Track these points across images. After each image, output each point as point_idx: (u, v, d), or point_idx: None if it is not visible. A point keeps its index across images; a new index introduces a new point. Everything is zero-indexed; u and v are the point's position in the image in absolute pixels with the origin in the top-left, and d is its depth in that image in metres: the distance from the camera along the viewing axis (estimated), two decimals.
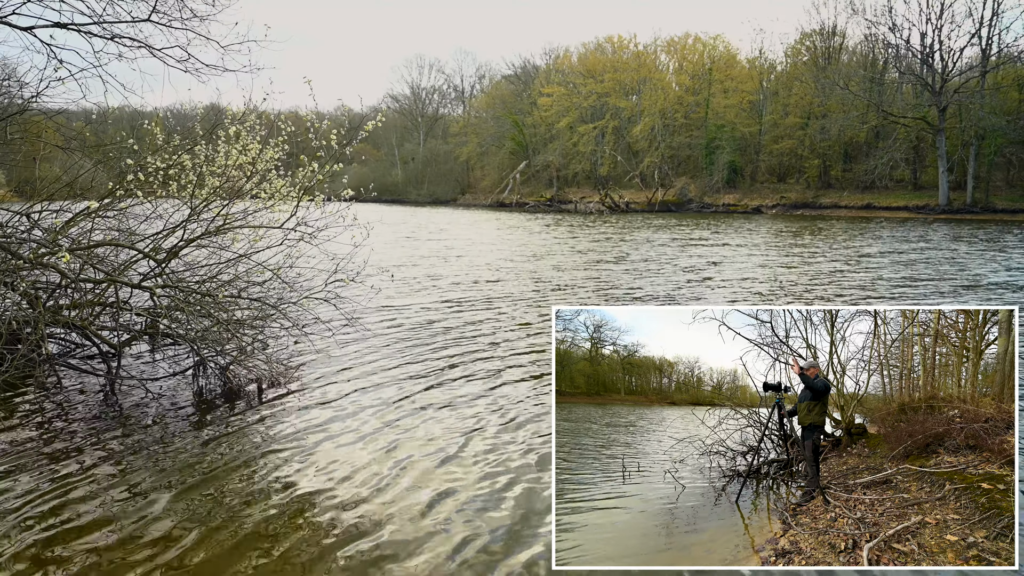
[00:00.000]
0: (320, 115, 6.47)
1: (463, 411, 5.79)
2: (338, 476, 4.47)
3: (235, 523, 3.85)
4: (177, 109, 15.28)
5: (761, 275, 14.93)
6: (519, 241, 24.37)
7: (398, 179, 71.78)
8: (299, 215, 6.45)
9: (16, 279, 5.63)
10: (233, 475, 4.51)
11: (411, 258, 18.21)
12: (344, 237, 6.65)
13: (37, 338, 5.30)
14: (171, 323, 6.19)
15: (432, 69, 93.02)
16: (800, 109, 50.09)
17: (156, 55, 6.99)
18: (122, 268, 6.12)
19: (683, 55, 58.78)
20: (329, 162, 6.43)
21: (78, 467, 4.57)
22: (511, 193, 61.78)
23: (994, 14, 40.55)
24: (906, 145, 44.83)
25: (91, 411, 5.71)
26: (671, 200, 53.02)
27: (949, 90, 41.57)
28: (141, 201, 6.47)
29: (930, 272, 15.36)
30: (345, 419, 5.54)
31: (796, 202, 47.65)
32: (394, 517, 3.94)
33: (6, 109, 7.62)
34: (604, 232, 29.11)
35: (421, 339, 8.46)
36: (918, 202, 42.25)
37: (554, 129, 61.54)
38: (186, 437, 5.15)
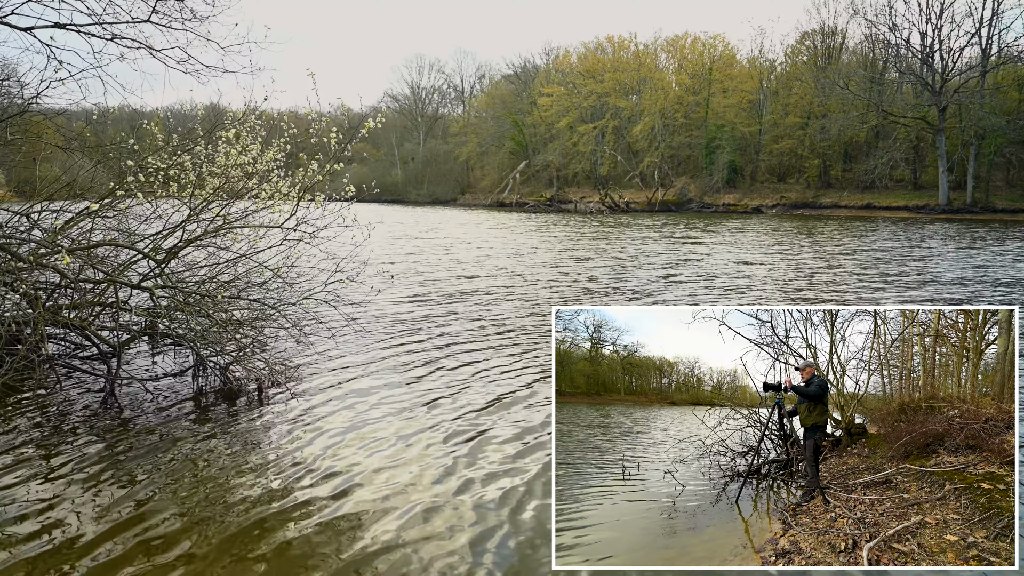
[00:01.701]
0: (320, 114, 6.47)
1: (463, 411, 5.79)
2: (337, 476, 4.47)
3: (235, 523, 3.85)
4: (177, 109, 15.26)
5: (766, 274, 14.93)
6: (519, 241, 24.37)
7: (398, 179, 71.79)
8: (299, 215, 6.45)
9: (16, 279, 5.62)
10: (233, 475, 4.51)
11: (411, 258, 18.21)
12: (344, 237, 6.66)
13: (37, 339, 5.30)
14: (171, 323, 6.19)
15: (432, 69, 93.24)
16: (800, 109, 50.10)
17: (156, 56, 6.99)
18: (122, 268, 6.11)
19: (683, 55, 58.80)
20: (329, 162, 6.43)
21: (78, 467, 4.57)
22: (511, 193, 61.78)
23: (994, 14, 40.60)
24: (906, 145, 44.84)
25: (91, 411, 5.71)
26: (671, 200, 53.03)
27: (949, 90, 41.59)
28: (141, 201, 6.47)
29: (930, 272, 15.36)
30: (345, 419, 5.54)
31: (796, 202, 47.66)
32: (394, 517, 3.93)
33: (6, 109, 7.62)
34: (604, 232, 29.11)
35: (421, 339, 8.46)
36: (918, 202, 42.28)
37: (554, 129, 61.55)
38: (186, 437, 5.15)
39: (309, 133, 6.49)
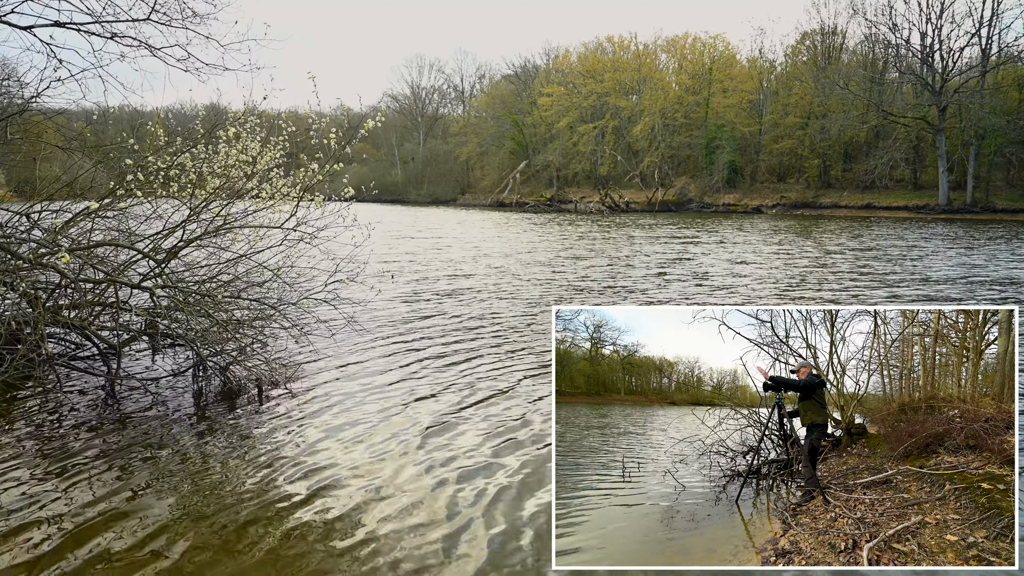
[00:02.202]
0: (320, 114, 6.46)
1: (463, 411, 5.79)
2: (337, 476, 4.47)
3: (235, 523, 3.85)
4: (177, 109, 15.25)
5: (765, 274, 14.93)
6: (519, 241, 24.37)
7: (398, 179, 71.79)
8: (299, 215, 6.45)
9: (16, 279, 5.62)
10: (233, 475, 4.51)
11: (411, 258, 18.21)
12: (344, 237, 6.66)
13: (37, 338, 5.30)
14: (171, 323, 6.19)
15: (432, 69, 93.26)
16: (800, 109, 50.10)
17: (156, 55, 6.99)
18: (122, 268, 6.11)
19: (683, 55, 58.80)
20: (329, 162, 6.43)
21: (78, 467, 4.57)
22: (511, 193, 61.78)
23: (994, 14, 40.61)
24: (906, 145, 44.85)
25: (91, 411, 5.71)
26: (671, 200, 53.02)
27: (949, 90, 41.59)
28: (141, 201, 6.47)
29: (930, 272, 15.36)
30: (345, 419, 5.54)
31: (796, 202, 47.66)
32: (394, 516, 3.94)
33: (6, 109, 7.62)
34: (604, 232, 29.11)
35: (421, 339, 8.46)
36: (918, 202, 42.28)
37: (554, 129, 61.53)
38: (186, 437, 5.15)
39: (309, 134, 6.49)
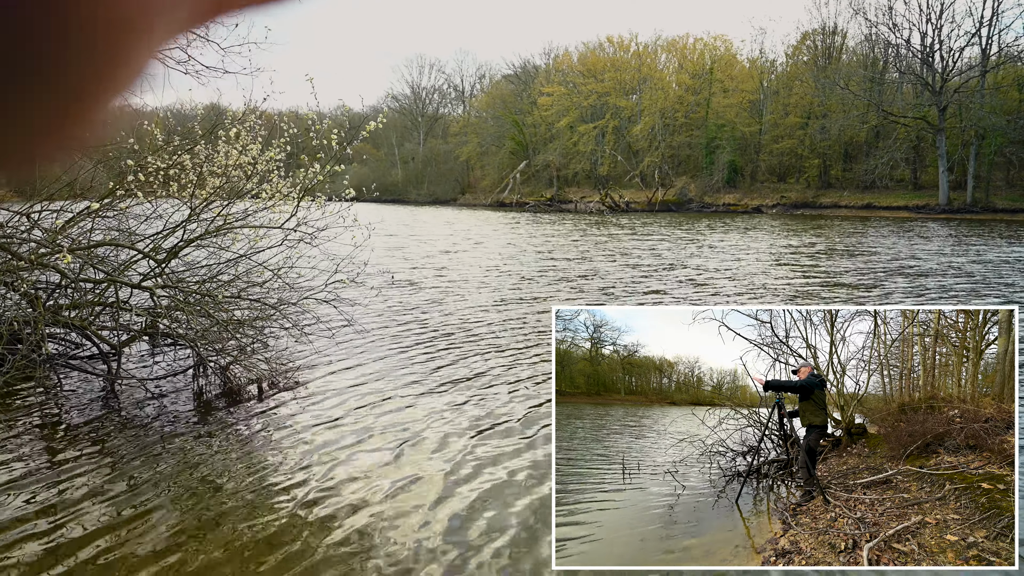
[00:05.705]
0: (320, 115, 6.47)
1: (463, 411, 5.79)
2: (338, 476, 4.47)
3: (235, 524, 3.85)
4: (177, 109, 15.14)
5: (765, 273, 14.93)
6: (519, 241, 24.37)
7: (398, 179, 71.82)
8: (299, 215, 6.45)
9: (16, 279, 5.63)
10: (233, 475, 4.51)
11: (411, 258, 18.21)
12: (344, 237, 6.66)
13: (37, 338, 5.30)
14: (171, 323, 6.19)
15: (432, 69, 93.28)
16: (800, 109, 50.11)
17: (156, 56, 6.97)
18: (122, 268, 6.12)
19: (683, 55, 58.79)
20: (329, 162, 6.43)
21: (78, 467, 4.57)
22: (511, 193, 61.79)
23: (994, 14, 40.63)
24: (906, 145, 44.87)
25: (91, 411, 5.71)
26: (671, 200, 53.02)
27: (949, 90, 41.61)
28: (141, 201, 6.47)
29: (930, 271, 15.36)
30: (345, 419, 5.54)
31: (796, 202, 47.66)
32: (394, 516, 3.94)
33: None
34: (604, 232, 29.11)
35: (421, 339, 8.46)
36: (918, 202, 42.29)
37: (554, 129, 61.54)
38: (186, 437, 5.15)
39: (310, 135, 6.49)
